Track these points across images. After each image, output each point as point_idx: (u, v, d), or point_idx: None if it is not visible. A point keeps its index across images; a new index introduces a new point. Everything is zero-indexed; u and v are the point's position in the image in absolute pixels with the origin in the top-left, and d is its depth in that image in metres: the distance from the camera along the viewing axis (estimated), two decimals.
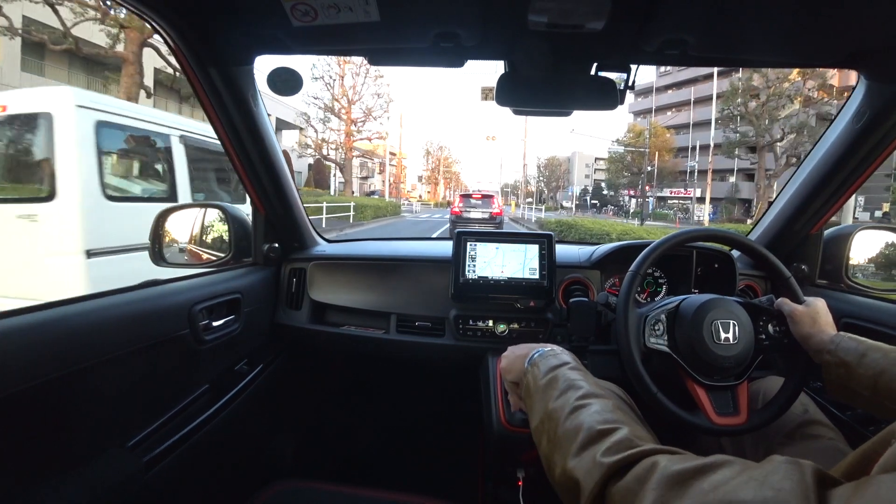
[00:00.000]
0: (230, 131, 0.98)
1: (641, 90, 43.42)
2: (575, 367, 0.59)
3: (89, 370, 0.67)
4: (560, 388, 0.55)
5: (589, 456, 0.44)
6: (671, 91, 41.44)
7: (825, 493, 0.28)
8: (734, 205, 31.00)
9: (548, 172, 62.36)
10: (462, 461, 1.46)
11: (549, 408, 0.53)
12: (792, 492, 0.29)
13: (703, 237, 0.88)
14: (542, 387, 0.57)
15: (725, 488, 0.32)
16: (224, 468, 1.08)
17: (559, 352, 0.64)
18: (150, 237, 1.11)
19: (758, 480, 0.31)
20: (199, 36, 0.81)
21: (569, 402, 0.52)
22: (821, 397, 0.93)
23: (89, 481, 0.68)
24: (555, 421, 0.51)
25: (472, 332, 1.14)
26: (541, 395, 0.57)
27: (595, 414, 0.48)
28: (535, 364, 0.62)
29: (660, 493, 0.35)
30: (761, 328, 0.79)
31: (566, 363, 0.60)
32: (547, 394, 0.56)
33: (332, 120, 22.51)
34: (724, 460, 0.35)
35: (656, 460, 0.39)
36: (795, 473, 0.30)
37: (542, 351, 0.65)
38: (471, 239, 1.14)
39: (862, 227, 1.12)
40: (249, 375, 1.12)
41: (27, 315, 0.62)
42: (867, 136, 0.90)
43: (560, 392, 0.54)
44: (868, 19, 0.71)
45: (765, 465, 0.33)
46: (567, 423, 0.49)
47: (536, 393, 0.58)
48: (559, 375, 0.57)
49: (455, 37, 0.78)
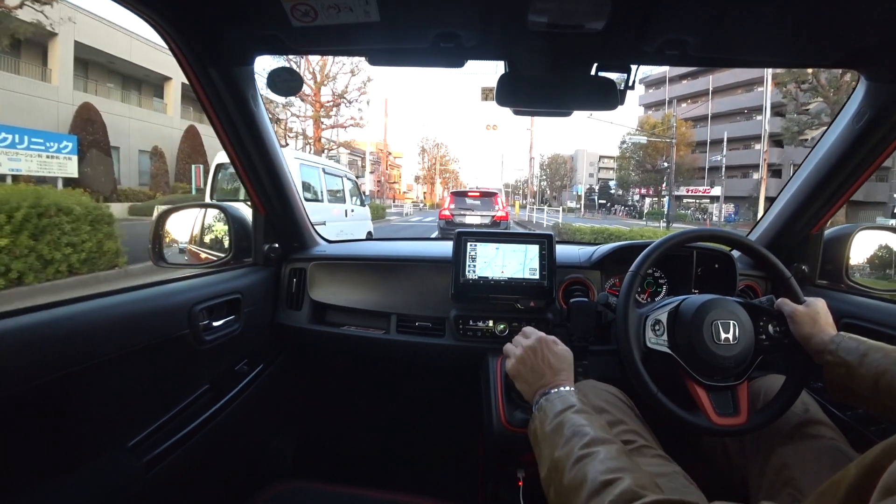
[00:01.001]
0: (230, 131, 0.98)
1: (653, 81, 40.75)
2: (580, 410, 0.59)
3: (89, 370, 0.67)
4: (566, 436, 0.55)
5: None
6: (686, 81, 37.59)
7: None
8: (756, 205, 25.37)
9: (550, 171, 58.86)
10: (462, 461, 1.46)
11: (555, 456, 0.54)
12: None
13: (703, 237, 0.88)
14: (548, 434, 0.58)
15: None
16: (224, 468, 1.08)
17: (565, 393, 0.64)
18: (150, 237, 1.11)
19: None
20: (199, 36, 0.81)
21: (573, 450, 0.52)
22: (821, 397, 0.93)
23: (90, 482, 0.68)
24: (560, 471, 0.51)
25: (473, 333, 1.14)
26: (548, 442, 0.57)
27: (599, 463, 0.49)
28: (542, 409, 0.62)
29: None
30: (761, 328, 0.79)
31: (571, 406, 0.60)
32: (553, 441, 0.56)
33: (294, 104, 17.90)
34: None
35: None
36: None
37: (548, 395, 0.64)
38: (471, 239, 1.14)
39: (862, 227, 1.12)
40: (250, 376, 1.12)
41: (27, 315, 0.62)
42: (867, 136, 0.90)
43: (566, 440, 0.54)
44: (868, 19, 0.71)
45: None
46: (571, 474, 0.50)
47: (543, 440, 0.58)
48: (564, 421, 0.57)
49: (455, 37, 0.78)
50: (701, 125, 34.74)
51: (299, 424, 1.49)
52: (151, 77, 18.77)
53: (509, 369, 0.74)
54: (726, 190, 26.98)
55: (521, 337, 0.77)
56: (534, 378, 0.70)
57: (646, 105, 42.54)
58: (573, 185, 54.47)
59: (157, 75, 18.53)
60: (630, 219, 34.50)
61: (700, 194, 34.40)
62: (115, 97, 17.43)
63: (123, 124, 16.53)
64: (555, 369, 0.69)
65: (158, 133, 17.91)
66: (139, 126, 17.41)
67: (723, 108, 33.56)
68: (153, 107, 19.31)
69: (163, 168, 17.07)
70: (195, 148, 17.76)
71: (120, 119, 16.30)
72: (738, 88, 32.44)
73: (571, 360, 0.72)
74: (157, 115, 18.86)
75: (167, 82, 19.24)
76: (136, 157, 17.38)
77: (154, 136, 17.56)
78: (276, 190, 1.13)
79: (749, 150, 30.89)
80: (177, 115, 19.52)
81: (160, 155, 17.15)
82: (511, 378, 0.74)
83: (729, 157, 27.04)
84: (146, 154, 17.29)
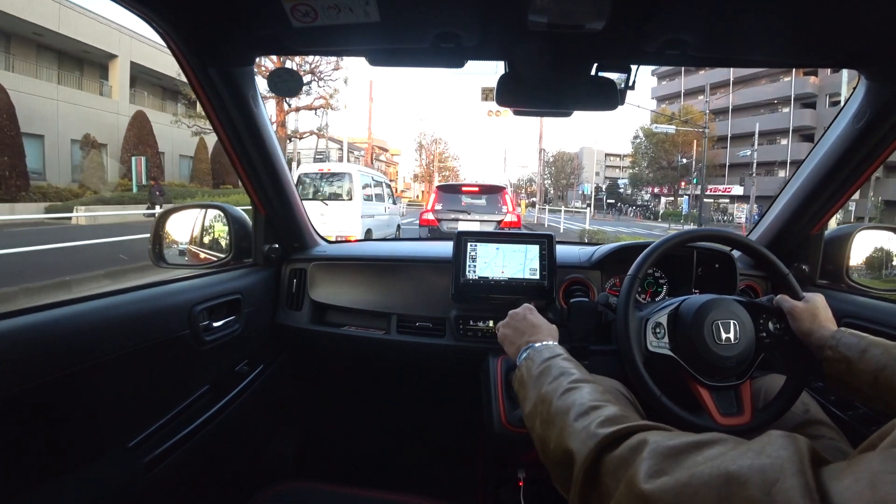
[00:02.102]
0: (230, 131, 0.98)
1: (667, 72, 37.01)
2: (567, 358, 0.62)
3: (90, 370, 0.67)
4: (553, 375, 0.57)
5: (582, 427, 0.45)
6: (703, 71, 32.42)
7: (819, 468, 0.29)
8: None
9: (556, 169, 54.37)
10: (462, 461, 1.46)
11: (541, 392, 0.55)
12: (789, 459, 0.29)
13: (702, 237, 0.88)
14: (535, 376, 0.60)
15: (722, 458, 0.32)
16: (224, 468, 1.08)
17: (552, 345, 0.67)
18: (150, 238, 1.12)
19: (754, 451, 0.31)
20: (199, 36, 0.81)
21: (561, 385, 0.54)
22: (822, 397, 0.93)
23: (90, 482, 0.68)
24: (547, 402, 0.53)
25: (473, 333, 1.14)
26: (534, 382, 0.59)
27: (586, 394, 0.51)
28: (530, 358, 0.65)
29: (654, 462, 0.35)
30: (762, 326, 0.79)
31: (559, 354, 0.63)
32: (540, 381, 0.58)
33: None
34: (718, 437, 0.36)
35: (651, 434, 0.39)
36: (791, 444, 0.31)
37: (534, 346, 0.67)
38: (471, 239, 1.14)
39: (862, 227, 1.12)
40: (250, 376, 1.12)
41: (27, 315, 0.62)
42: (868, 135, 0.90)
43: (553, 378, 0.56)
44: (868, 19, 0.71)
45: (761, 438, 0.33)
46: (559, 402, 0.51)
47: (530, 381, 0.60)
48: (552, 365, 0.60)
49: (455, 37, 0.78)
50: (720, 119, 31.77)
51: (300, 425, 1.49)
52: (94, 54, 15.97)
53: (500, 338, 0.78)
54: (748, 189, 24.85)
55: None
56: (516, 336, 0.74)
57: (658, 98, 39.28)
58: (579, 184, 51.49)
59: (100, 52, 15.72)
60: (646, 220, 31.73)
61: (720, 193, 32.08)
62: (48, 78, 14.60)
63: (49, 108, 13.83)
64: (537, 327, 0.73)
65: (100, 120, 15.17)
66: (72, 111, 14.52)
67: (746, 100, 30.66)
68: (97, 90, 16.45)
69: (97, 160, 14.24)
70: (143, 138, 15.21)
71: (44, 102, 13.66)
72: (761, 79, 29.78)
73: (556, 331, 0.74)
74: (97, 99, 15.90)
75: (112, 61, 16.34)
76: (69, 148, 14.55)
77: (93, 124, 14.80)
78: (276, 190, 1.13)
79: (774, 144, 28.81)
80: (124, 99, 16.58)
81: (93, 144, 14.31)
82: (500, 343, 0.78)
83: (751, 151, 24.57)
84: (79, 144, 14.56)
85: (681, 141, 29.39)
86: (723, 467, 0.31)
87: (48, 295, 4.27)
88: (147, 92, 18.30)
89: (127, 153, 14.90)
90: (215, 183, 18.26)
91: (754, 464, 0.30)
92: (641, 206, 40.87)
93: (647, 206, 39.55)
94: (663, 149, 31.89)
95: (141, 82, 17.89)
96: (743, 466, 0.30)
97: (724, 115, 31.89)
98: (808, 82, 26.97)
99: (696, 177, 25.12)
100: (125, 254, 6.30)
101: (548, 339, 0.70)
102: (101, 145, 14.66)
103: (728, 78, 30.70)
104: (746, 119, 29.94)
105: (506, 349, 0.76)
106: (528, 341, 0.70)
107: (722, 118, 31.87)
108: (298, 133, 18.28)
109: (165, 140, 16.80)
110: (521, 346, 0.70)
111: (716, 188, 32.03)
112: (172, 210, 1.17)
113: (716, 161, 31.39)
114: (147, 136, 15.39)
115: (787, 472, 0.28)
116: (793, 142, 25.92)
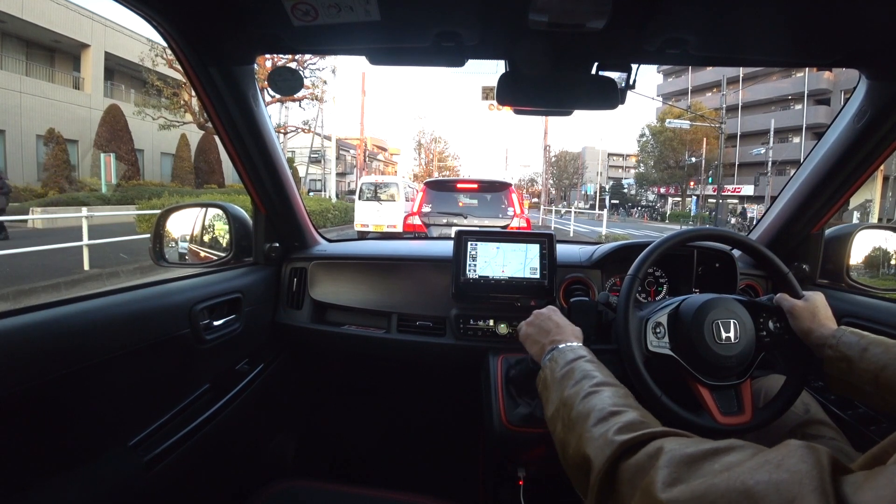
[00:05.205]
0: (231, 130, 0.98)
1: (673, 69, 35.73)
2: (591, 360, 0.62)
3: (90, 370, 0.67)
4: (576, 378, 0.58)
5: (601, 433, 0.45)
6: (711, 68, 29.81)
7: (840, 479, 0.28)
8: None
9: (558, 169, 53.04)
10: (462, 461, 1.46)
11: (564, 395, 0.56)
12: (808, 474, 0.28)
13: (703, 236, 0.88)
14: (558, 378, 0.60)
15: (739, 469, 0.32)
16: (225, 467, 1.08)
17: (576, 346, 0.67)
18: (151, 236, 1.12)
19: (773, 463, 0.31)
20: (200, 35, 0.81)
21: (583, 388, 0.54)
22: (822, 396, 0.93)
23: (91, 481, 0.68)
24: (569, 406, 0.53)
25: (473, 332, 1.14)
26: (557, 385, 0.59)
27: (607, 398, 0.51)
28: (554, 359, 0.65)
29: (670, 470, 0.35)
30: (762, 325, 0.78)
31: (582, 356, 0.63)
32: (563, 384, 0.58)
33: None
34: (736, 444, 0.35)
35: (668, 441, 0.39)
36: (811, 457, 0.30)
37: (559, 347, 0.67)
38: (471, 238, 1.14)
39: (862, 226, 1.12)
40: (250, 375, 1.12)
41: (27, 315, 0.62)
42: (868, 135, 0.90)
43: (575, 381, 0.57)
44: (868, 19, 0.71)
45: (780, 448, 0.32)
46: (580, 406, 0.52)
47: (553, 384, 0.61)
48: (575, 367, 0.60)
49: (456, 36, 0.78)
50: (730, 116, 29.39)
51: (300, 423, 1.50)
52: (64, 44, 14.71)
53: (521, 336, 0.78)
54: (762, 189, 24.12)
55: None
56: (540, 335, 0.74)
57: (664, 95, 37.43)
58: (582, 185, 50.69)
59: (70, 42, 14.47)
60: (653, 221, 30.85)
61: (730, 193, 30.34)
62: (14, 69, 13.49)
63: (12, 100, 12.81)
64: (562, 328, 0.73)
65: (69, 114, 14.09)
66: (38, 104, 13.42)
67: (757, 96, 29.73)
68: (71, 82, 15.27)
69: (61, 157, 12.85)
70: (116, 133, 13.87)
71: (6, 94, 12.64)
72: (773, 74, 28.56)
73: (580, 332, 0.74)
74: (66, 92, 14.63)
75: (84, 51, 15.01)
76: (34, 144, 13.42)
77: (61, 118, 13.63)
78: (276, 189, 1.13)
79: (786, 143, 27.24)
80: (98, 92, 15.34)
81: (58, 140, 12.87)
82: (522, 341, 0.78)
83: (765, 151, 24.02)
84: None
85: (689, 139, 28.79)
86: (739, 481, 0.30)
87: None
88: (125, 85, 17.07)
89: (98, 149, 13.55)
90: (198, 182, 16.80)
91: (772, 479, 0.29)
92: (647, 207, 40.08)
93: (654, 207, 39.04)
94: (671, 147, 31.24)
95: (121, 75, 16.77)
96: (760, 482, 0.29)
97: (733, 112, 30.43)
98: (822, 78, 26.06)
99: (712, 176, 24.56)
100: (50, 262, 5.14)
101: (572, 341, 0.69)
102: (67, 141, 13.38)
103: (738, 74, 29.44)
104: (758, 116, 29.25)
105: (528, 348, 0.76)
106: (552, 341, 0.70)
107: (731, 115, 30.08)
108: (284, 127, 17.23)
109: (145, 136, 15.61)
110: (545, 346, 0.70)
111: (726, 188, 30.37)
112: (173, 209, 1.17)
113: (725, 160, 29.64)
114: (121, 132, 14.05)
115: (806, 489, 0.27)
116: (806, 139, 24.97)
